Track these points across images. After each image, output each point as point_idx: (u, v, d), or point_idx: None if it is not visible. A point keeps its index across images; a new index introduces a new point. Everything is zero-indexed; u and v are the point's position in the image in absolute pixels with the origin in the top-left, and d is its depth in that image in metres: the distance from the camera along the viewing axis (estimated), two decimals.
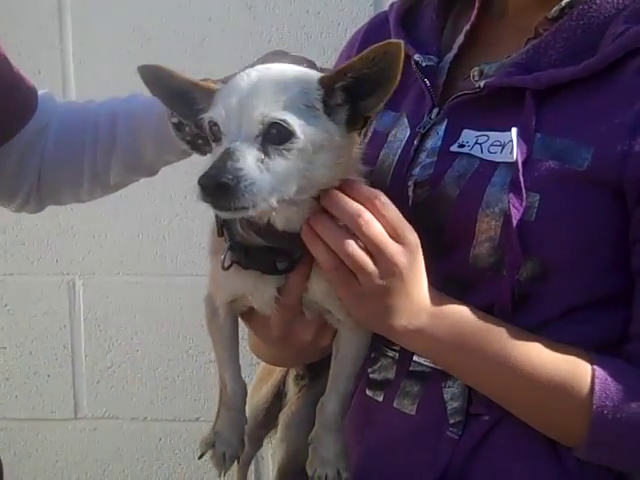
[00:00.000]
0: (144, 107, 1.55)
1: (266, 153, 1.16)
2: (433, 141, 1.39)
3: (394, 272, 1.23)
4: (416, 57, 1.44)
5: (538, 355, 1.27)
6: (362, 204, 1.22)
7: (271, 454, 2.42)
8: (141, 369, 2.78)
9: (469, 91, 1.36)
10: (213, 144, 1.23)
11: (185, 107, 1.30)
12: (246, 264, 1.30)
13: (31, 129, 1.52)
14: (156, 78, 1.28)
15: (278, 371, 1.78)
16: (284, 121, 1.16)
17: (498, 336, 1.28)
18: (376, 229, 1.21)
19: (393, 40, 1.19)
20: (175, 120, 1.51)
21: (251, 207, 1.14)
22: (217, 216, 1.32)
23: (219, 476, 1.53)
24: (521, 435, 1.33)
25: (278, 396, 1.78)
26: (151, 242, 2.70)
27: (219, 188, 1.12)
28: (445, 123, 1.39)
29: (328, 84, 1.22)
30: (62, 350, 2.79)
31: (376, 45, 1.18)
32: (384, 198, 1.24)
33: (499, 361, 1.27)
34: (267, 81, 1.20)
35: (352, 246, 1.21)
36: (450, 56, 1.45)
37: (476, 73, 1.38)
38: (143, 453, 2.83)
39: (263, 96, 1.18)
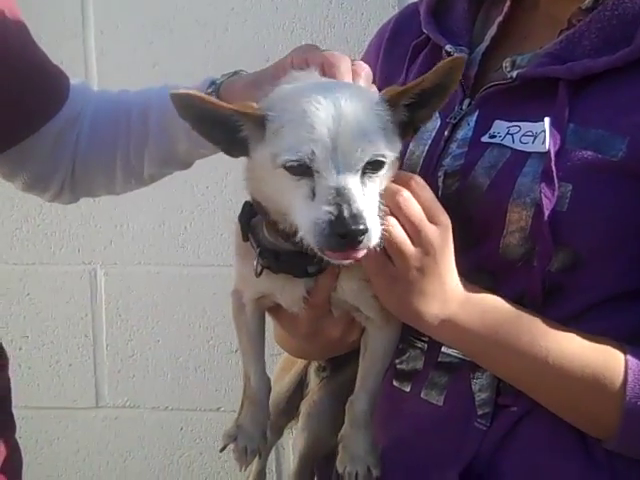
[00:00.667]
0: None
1: (363, 182, 1.17)
2: (464, 132, 1.39)
3: (429, 252, 1.23)
4: (447, 47, 1.43)
5: (570, 346, 1.27)
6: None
7: (292, 444, 2.42)
8: (162, 358, 2.79)
9: (501, 82, 1.36)
10: (294, 178, 1.16)
11: (223, 133, 1.22)
12: (277, 269, 1.30)
13: (64, 117, 1.52)
14: (189, 105, 1.20)
15: (300, 361, 1.78)
16: (383, 155, 1.18)
17: (529, 326, 1.28)
18: (415, 208, 1.22)
19: (457, 56, 1.24)
20: None
21: (368, 240, 1.14)
22: (241, 220, 1.32)
23: (240, 470, 1.54)
24: (550, 427, 1.32)
25: (300, 385, 1.78)
26: (173, 232, 2.71)
27: (355, 234, 1.12)
28: (476, 114, 1.39)
29: (395, 102, 1.22)
30: (84, 339, 2.80)
31: (442, 63, 1.21)
32: (419, 179, 1.26)
33: (530, 352, 1.27)
34: (349, 112, 1.16)
35: (396, 227, 1.22)
36: (482, 47, 1.45)
37: (508, 64, 1.38)
38: (164, 442, 2.84)
39: (355, 131, 1.16)
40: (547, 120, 1.28)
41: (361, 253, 1.14)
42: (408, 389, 1.45)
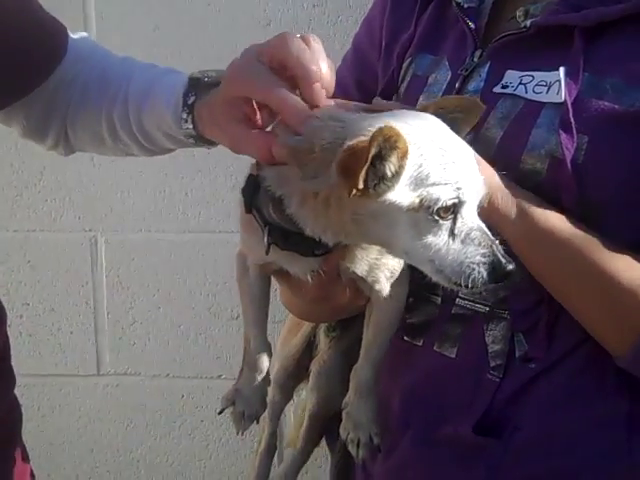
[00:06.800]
0: (166, 102, 1.47)
1: None
2: (475, 83, 1.38)
3: None
4: None
5: (618, 256, 1.25)
6: None
7: (292, 410, 2.42)
8: (163, 326, 2.78)
9: (514, 31, 1.34)
10: (434, 220, 1.13)
11: None
12: (284, 247, 1.27)
13: (58, 77, 1.48)
14: None
15: (308, 324, 1.78)
16: None
17: (564, 223, 1.26)
18: None
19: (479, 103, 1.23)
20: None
21: None
22: (244, 193, 1.29)
23: (237, 434, 1.53)
24: (568, 385, 1.32)
25: (309, 347, 1.78)
26: (174, 199, 2.69)
27: (510, 275, 1.14)
28: (488, 65, 1.38)
29: None
30: (85, 307, 2.79)
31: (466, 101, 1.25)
32: None
33: (573, 244, 1.25)
34: (469, 152, 1.18)
35: None
36: None
37: (521, 13, 1.36)
38: (165, 410, 2.84)
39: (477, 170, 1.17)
40: (562, 69, 1.27)
41: None
42: (420, 343, 1.44)
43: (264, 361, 1.49)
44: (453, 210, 1.12)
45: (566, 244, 1.25)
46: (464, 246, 1.13)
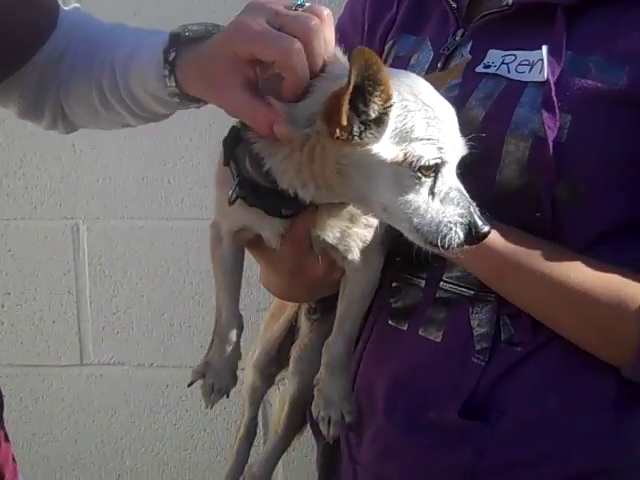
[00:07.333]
0: (149, 62, 1.43)
1: None
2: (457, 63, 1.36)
3: None
4: None
5: (588, 269, 1.25)
6: None
7: (279, 400, 2.40)
8: (147, 315, 2.75)
9: (496, 9, 1.33)
10: (416, 176, 1.12)
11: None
12: (252, 202, 1.26)
13: (49, 51, 1.45)
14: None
15: (290, 307, 1.76)
16: None
17: (548, 250, 1.26)
18: None
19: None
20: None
21: None
22: (225, 143, 1.28)
23: (206, 407, 1.52)
24: (554, 368, 1.31)
25: (291, 332, 1.76)
26: (156, 185, 2.66)
27: (485, 236, 1.14)
28: (470, 44, 1.36)
29: None
30: (67, 296, 2.76)
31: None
32: None
33: (550, 274, 1.25)
34: (453, 113, 1.17)
35: None
36: None
37: None
38: (149, 400, 2.82)
39: (458, 132, 1.17)
40: (545, 48, 1.25)
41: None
42: (405, 327, 1.43)
43: (235, 333, 1.47)
44: (435, 169, 1.12)
45: (534, 277, 1.26)
46: (443, 205, 1.13)
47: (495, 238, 1.25)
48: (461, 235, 1.12)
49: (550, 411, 1.30)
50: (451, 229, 1.12)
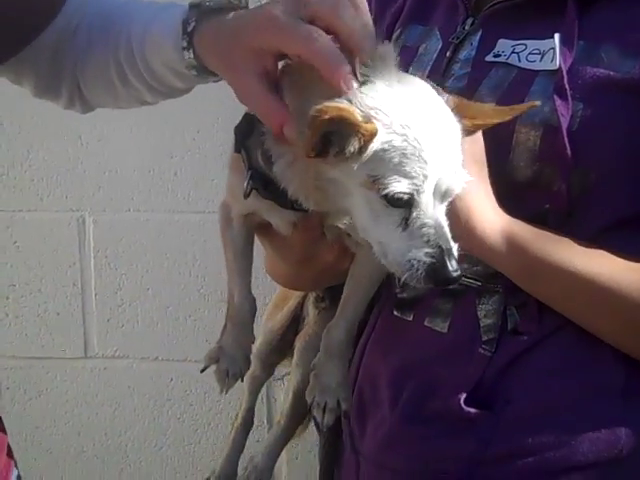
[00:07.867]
0: (168, 33, 1.42)
1: None
2: (467, 52, 1.36)
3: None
4: None
5: (602, 260, 1.24)
6: None
7: (283, 397, 2.39)
8: (152, 308, 2.74)
9: None
10: (387, 205, 1.09)
11: None
12: (264, 195, 1.25)
13: (58, 28, 1.45)
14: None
15: (294, 297, 1.75)
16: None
17: (557, 242, 1.24)
18: None
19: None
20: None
21: None
22: (237, 131, 1.26)
23: (220, 392, 1.50)
24: (561, 357, 1.30)
25: (294, 322, 1.76)
26: (163, 178, 2.65)
27: (454, 282, 1.10)
28: (480, 33, 1.35)
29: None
30: (72, 288, 2.75)
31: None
32: None
33: (563, 265, 1.23)
34: (451, 143, 1.11)
35: None
36: None
37: None
38: (154, 393, 2.81)
39: (456, 166, 1.11)
40: (557, 36, 1.25)
41: None
42: (410, 318, 1.42)
43: (248, 316, 1.46)
44: (409, 201, 1.08)
45: (567, 276, 1.24)
46: (411, 239, 1.08)
47: (523, 236, 1.24)
48: (423, 275, 1.07)
49: (556, 400, 1.29)
50: (413, 265, 1.08)
